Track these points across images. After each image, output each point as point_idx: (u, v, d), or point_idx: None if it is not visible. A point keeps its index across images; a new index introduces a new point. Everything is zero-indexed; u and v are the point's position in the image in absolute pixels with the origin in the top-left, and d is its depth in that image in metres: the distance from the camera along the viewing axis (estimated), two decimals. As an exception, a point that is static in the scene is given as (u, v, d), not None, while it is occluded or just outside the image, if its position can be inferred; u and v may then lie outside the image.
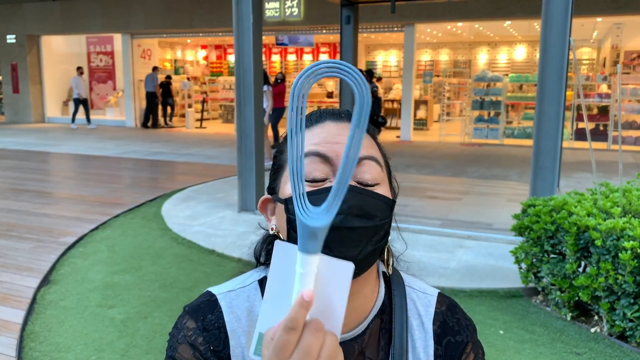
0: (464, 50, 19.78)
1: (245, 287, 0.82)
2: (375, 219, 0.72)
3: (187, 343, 0.78)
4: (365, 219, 0.71)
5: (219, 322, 0.79)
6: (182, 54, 20.48)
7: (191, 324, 0.79)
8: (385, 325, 0.81)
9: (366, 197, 0.72)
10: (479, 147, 12.10)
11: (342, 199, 0.56)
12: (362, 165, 0.74)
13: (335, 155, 0.73)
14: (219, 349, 0.77)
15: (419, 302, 0.84)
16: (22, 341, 3.30)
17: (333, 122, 0.77)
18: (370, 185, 0.74)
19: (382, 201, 0.74)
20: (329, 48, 20.35)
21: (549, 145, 4.73)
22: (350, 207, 0.69)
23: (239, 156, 6.08)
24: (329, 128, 0.76)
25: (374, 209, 0.72)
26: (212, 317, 0.79)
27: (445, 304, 0.86)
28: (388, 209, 0.75)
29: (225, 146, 12.06)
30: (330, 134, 0.75)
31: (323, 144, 0.74)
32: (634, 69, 15.39)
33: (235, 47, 5.96)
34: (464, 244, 5.09)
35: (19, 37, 17.14)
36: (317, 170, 0.73)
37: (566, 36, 4.58)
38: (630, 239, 3.10)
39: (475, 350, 0.84)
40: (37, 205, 6.57)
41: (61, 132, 14.86)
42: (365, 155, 0.75)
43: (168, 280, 4.24)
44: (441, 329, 0.83)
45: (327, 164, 0.73)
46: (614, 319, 3.21)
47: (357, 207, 0.70)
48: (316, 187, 0.72)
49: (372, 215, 0.72)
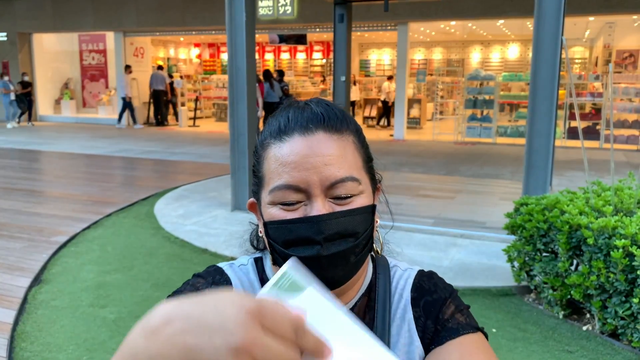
0: (457, 49, 19.82)
1: (244, 265, 0.87)
2: (357, 235, 0.74)
3: (195, 289, 0.81)
4: (344, 240, 0.73)
5: (227, 283, 0.83)
6: (175, 52, 20.41)
7: (201, 280, 0.83)
8: (371, 303, 0.83)
9: (341, 220, 0.73)
10: (472, 145, 12.13)
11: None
12: (335, 187, 0.73)
13: (306, 185, 0.72)
14: None
15: (401, 279, 0.86)
16: (13, 341, 3.27)
17: (302, 137, 0.74)
18: (347, 198, 0.74)
19: (360, 213, 0.74)
20: (323, 46, 20.35)
21: (542, 144, 4.75)
22: (326, 237, 0.71)
23: (232, 155, 6.06)
24: (298, 147, 0.74)
25: (354, 226, 0.74)
26: (220, 278, 0.83)
27: (424, 275, 0.87)
28: (369, 216, 0.76)
29: (218, 145, 12.02)
30: (300, 156, 0.73)
31: (294, 173, 0.73)
32: (625, 68, 15.48)
33: (229, 46, 5.94)
34: (457, 243, 5.10)
35: (10, 34, 17.01)
36: (290, 197, 0.73)
37: (558, 35, 4.60)
38: (621, 237, 3.11)
39: (455, 302, 0.83)
40: (29, 204, 6.52)
41: (53, 131, 14.76)
42: (337, 179, 0.73)
43: (160, 280, 4.22)
44: (417, 292, 0.84)
45: (300, 191, 0.73)
46: (606, 317, 3.22)
47: (335, 234, 0.72)
48: (290, 210, 0.73)
49: (353, 233, 0.74)
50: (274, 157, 0.76)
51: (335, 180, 0.73)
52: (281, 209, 0.74)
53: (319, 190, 0.72)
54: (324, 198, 0.73)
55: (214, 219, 5.86)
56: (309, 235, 0.71)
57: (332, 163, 0.73)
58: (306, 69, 20.85)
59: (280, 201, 0.74)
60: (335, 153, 0.74)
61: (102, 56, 17.98)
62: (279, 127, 0.77)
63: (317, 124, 0.76)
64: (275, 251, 0.76)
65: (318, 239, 0.71)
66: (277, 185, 0.74)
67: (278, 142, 0.76)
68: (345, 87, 8.40)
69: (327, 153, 0.73)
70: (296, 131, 0.75)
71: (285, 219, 0.73)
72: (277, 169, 0.74)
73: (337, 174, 0.73)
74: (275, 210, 0.74)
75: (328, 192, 0.73)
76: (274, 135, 0.77)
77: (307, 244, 0.72)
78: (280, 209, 0.74)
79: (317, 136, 0.75)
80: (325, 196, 0.73)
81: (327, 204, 0.73)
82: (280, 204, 0.74)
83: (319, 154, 0.73)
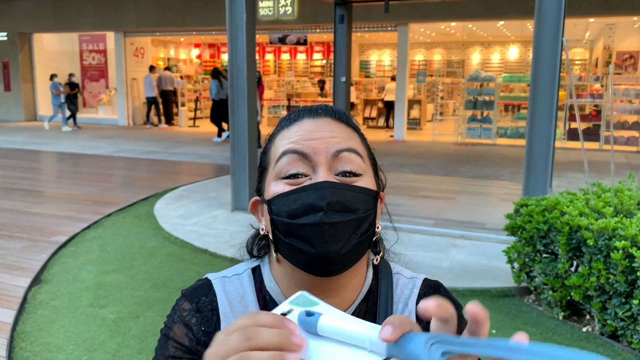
0: (458, 50, 19.83)
1: (239, 274, 0.86)
2: (357, 212, 0.73)
3: (182, 322, 0.81)
4: (346, 212, 0.72)
5: (212, 304, 0.82)
6: (175, 53, 20.41)
7: (187, 305, 0.83)
8: (370, 309, 0.82)
9: (345, 192, 0.73)
10: (472, 146, 12.13)
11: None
12: (340, 157, 0.75)
13: (312, 151, 0.74)
14: (210, 329, 0.80)
15: (405, 287, 0.86)
16: (13, 341, 3.27)
17: (310, 119, 0.79)
18: (351, 173, 0.75)
19: (364, 193, 0.74)
20: (323, 47, 20.36)
21: (542, 145, 4.75)
22: (330, 203, 0.71)
23: (232, 155, 6.06)
24: (306, 125, 0.78)
25: (355, 202, 0.73)
26: (206, 300, 0.83)
27: (430, 286, 0.87)
28: (371, 200, 0.76)
29: (218, 145, 12.03)
30: (307, 131, 0.77)
31: (300, 141, 0.75)
32: (625, 70, 15.49)
33: (229, 46, 5.94)
34: (457, 244, 5.10)
35: (10, 34, 17.01)
36: (295, 167, 0.74)
37: (559, 36, 4.60)
38: (621, 238, 3.11)
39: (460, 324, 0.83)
40: (28, 204, 6.52)
41: (53, 131, 14.76)
42: (344, 148, 0.75)
43: (160, 280, 4.22)
44: None
45: (305, 160, 0.74)
46: (606, 319, 3.22)
47: (337, 203, 0.71)
48: (295, 184, 0.74)
49: (353, 209, 0.73)
50: (281, 137, 0.79)
51: (340, 148, 0.75)
52: (286, 184, 0.74)
53: (323, 158, 0.74)
54: (328, 169, 0.74)
55: (214, 219, 5.86)
56: (311, 202, 0.71)
57: (337, 135, 0.77)
58: (306, 70, 20.85)
59: (286, 172, 0.74)
60: (342, 131, 0.78)
61: (103, 56, 17.98)
62: (289, 118, 0.82)
63: (326, 113, 0.80)
64: (278, 230, 0.74)
65: (321, 204, 0.70)
66: (283, 150, 0.75)
67: (287, 127, 0.80)
68: (346, 88, 8.41)
69: (334, 129, 0.78)
70: (305, 116, 0.80)
71: (289, 190, 0.73)
72: (284, 142, 0.77)
73: (342, 144, 0.76)
74: (279, 186, 0.75)
75: (333, 163, 0.75)
76: (283, 125, 0.81)
77: (310, 211, 0.71)
78: (284, 184, 0.74)
79: (325, 119, 0.79)
80: (330, 169, 0.74)
81: (332, 177, 0.74)
82: (285, 178, 0.74)
83: (326, 129, 0.77)
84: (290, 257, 0.75)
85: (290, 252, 0.74)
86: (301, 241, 0.71)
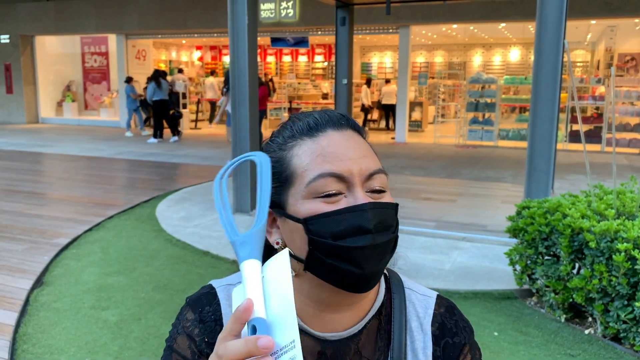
0: (459, 52, 19.83)
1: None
2: (391, 229, 0.74)
3: (185, 334, 0.80)
4: (385, 231, 0.73)
5: (216, 314, 0.81)
6: (177, 55, 20.43)
7: (190, 315, 0.82)
8: (383, 326, 0.81)
9: (386, 211, 0.74)
10: (474, 148, 12.12)
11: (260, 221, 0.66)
12: (373, 178, 0.75)
13: (349, 173, 0.73)
14: (212, 341, 0.79)
15: (418, 304, 0.85)
16: (15, 343, 3.28)
17: (336, 132, 0.77)
18: (380, 191, 0.75)
19: (394, 209, 0.75)
20: (324, 49, 20.37)
21: (544, 147, 4.75)
22: (376, 224, 0.71)
23: (234, 157, 6.06)
24: (334, 139, 0.76)
25: (391, 220, 0.74)
26: (209, 309, 0.82)
27: (443, 305, 0.87)
28: (396, 215, 0.77)
29: (219, 147, 12.03)
30: (340, 148, 0.75)
31: (335, 162, 0.73)
32: (627, 72, 15.47)
33: (230, 48, 5.95)
34: (459, 246, 5.09)
35: (13, 37, 17.05)
36: (331, 187, 0.73)
37: (560, 38, 4.60)
38: (624, 240, 3.11)
39: (472, 351, 0.85)
40: (30, 206, 6.53)
41: (55, 133, 14.79)
42: (375, 170, 0.76)
43: (162, 282, 4.22)
44: (439, 330, 0.84)
45: (341, 181, 0.73)
46: (608, 321, 3.22)
47: (380, 223, 0.72)
48: (332, 203, 0.72)
49: (390, 226, 0.74)
50: (308, 150, 0.75)
51: (373, 170, 0.75)
52: (323, 203, 0.72)
53: (359, 180, 0.74)
54: (363, 189, 0.74)
55: (215, 222, 5.86)
56: (360, 224, 0.70)
57: (367, 155, 0.77)
58: (308, 72, 20.87)
59: (321, 192, 0.72)
60: (367, 148, 0.78)
61: (104, 59, 18.02)
62: (309, 126, 0.78)
63: (347, 124, 0.80)
64: (318, 250, 0.72)
65: (369, 227, 0.70)
66: (320, 173, 0.72)
67: (311, 137, 0.76)
68: (347, 90, 8.41)
69: (362, 147, 0.77)
70: (329, 127, 0.77)
71: (331, 210, 0.71)
72: (316, 159, 0.74)
73: (373, 165, 0.76)
74: (315, 204, 0.72)
75: (365, 183, 0.74)
76: (303, 133, 0.77)
77: (358, 233, 0.70)
78: (322, 203, 0.72)
79: (349, 132, 0.78)
80: (363, 188, 0.74)
81: (367, 196, 0.74)
82: (321, 197, 0.72)
83: (356, 147, 0.76)
84: (327, 276, 0.73)
85: (330, 272, 0.72)
86: (345, 262, 0.70)
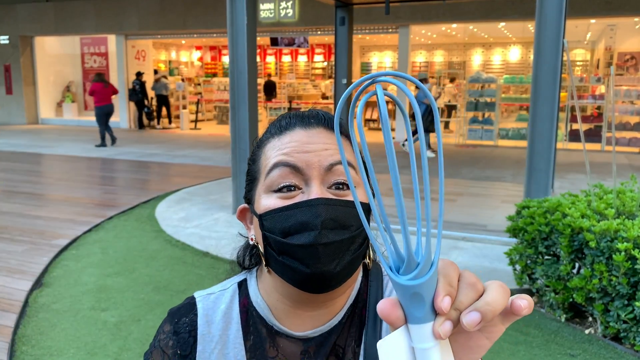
0: (459, 52, 19.81)
1: (226, 289, 0.84)
2: (350, 229, 0.70)
3: (160, 348, 0.81)
4: (340, 230, 0.69)
5: (191, 325, 0.81)
6: (176, 55, 20.44)
7: (167, 327, 0.82)
8: (357, 312, 0.80)
9: (339, 208, 0.70)
10: (474, 148, 12.12)
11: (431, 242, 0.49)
12: (334, 170, 0.72)
13: (305, 165, 0.71)
14: (185, 352, 0.79)
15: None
16: (14, 345, 3.27)
17: (302, 129, 0.75)
18: (344, 185, 0.71)
19: (354, 207, 0.71)
20: (324, 49, 20.36)
21: (543, 146, 4.74)
22: (324, 221, 0.68)
23: (233, 158, 6.06)
24: (298, 136, 0.74)
25: (349, 218, 0.70)
26: (186, 320, 0.81)
27: None
28: (366, 214, 0.72)
29: (219, 147, 12.03)
30: (299, 143, 0.73)
31: (293, 153, 0.72)
32: (627, 71, 15.47)
33: (230, 48, 5.94)
34: (459, 246, 5.08)
35: (12, 38, 17.05)
36: (287, 179, 0.71)
37: (560, 38, 4.59)
38: (624, 240, 3.10)
39: None
40: (30, 207, 6.52)
41: (54, 134, 14.78)
42: (337, 161, 0.72)
43: (162, 283, 4.21)
44: None
45: (298, 173, 0.71)
46: (608, 321, 3.21)
47: (331, 220, 0.69)
48: (287, 198, 0.71)
49: (346, 226, 0.70)
50: (272, 147, 0.75)
51: (334, 161, 0.72)
52: (278, 198, 0.71)
53: (316, 172, 0.71)
54: (321, 183, 0.71)
55: (215, 222, 5.86)
56: (305, 220, 0.68)
57: (331, 149, 0.73)
58: (307, 72, 20.86)
59: (277, 185, 0.71)
60: (335, 143, 0.73)
61: (104, 59, 18.01)
62: (280, 125, 0.77)
63: (319, 122, 0.77)
64: (270, 246, 0.72)
65: (315, 222, 0.67)
66: (274, 162, 0.72)
67: (279, 136, 0.76)
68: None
69: (327, 141, 0.74)
70: (297, 125, 0.76)
71: (281, 206, 0.70)
72: (275, 153, 0.73)
73: (336, 156, 0.72)
74: (271, 200, 0.72)
75: (326, 177, 0.72)
76: (273, 133, 0.77)
77: (304, 229, 0.68)
78: (276, 198, 0.71)
79: (318, 129, 0.76)
80: (323, 182, 0.71)
81: (325, 192, 0.71)
82: (277, 191, 0.71)
83: (319, 141, 0.74)
84: (282, 274, 0.72)
85: (283, 270, 0.71)
86: (294, 260, 0.69)
